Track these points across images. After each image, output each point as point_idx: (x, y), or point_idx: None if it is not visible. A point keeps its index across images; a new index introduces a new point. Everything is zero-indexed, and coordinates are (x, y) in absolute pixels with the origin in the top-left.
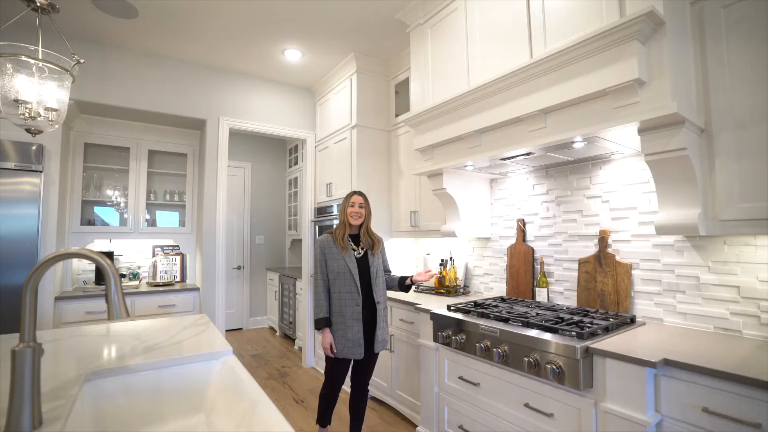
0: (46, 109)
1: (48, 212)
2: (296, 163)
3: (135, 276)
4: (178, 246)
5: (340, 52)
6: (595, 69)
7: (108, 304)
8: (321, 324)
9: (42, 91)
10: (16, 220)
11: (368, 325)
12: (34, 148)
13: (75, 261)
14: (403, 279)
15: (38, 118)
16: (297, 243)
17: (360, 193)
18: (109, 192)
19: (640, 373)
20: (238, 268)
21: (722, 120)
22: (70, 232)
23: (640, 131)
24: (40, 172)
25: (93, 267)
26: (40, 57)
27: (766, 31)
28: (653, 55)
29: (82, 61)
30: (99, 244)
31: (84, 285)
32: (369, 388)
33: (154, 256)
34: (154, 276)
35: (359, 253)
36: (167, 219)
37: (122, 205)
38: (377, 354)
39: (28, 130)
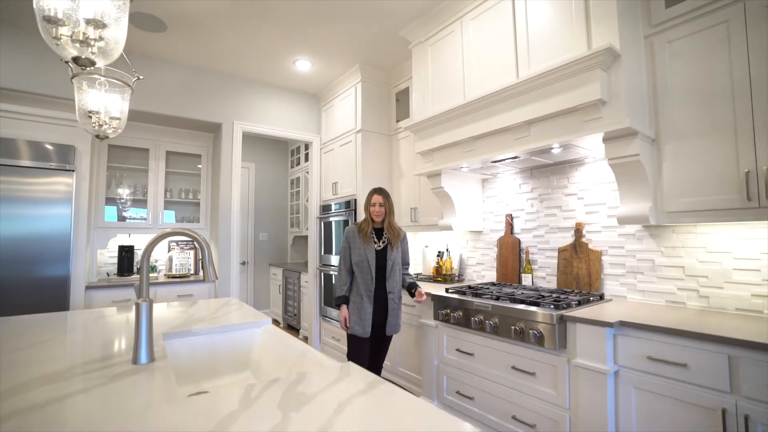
0: (111, 118)
1: (79, 208)
2: (298, 164)
3: (153, 269)
4: (192, 240)
5: (346, 63)
6: (567, 90)
7: (203, 269)
8: (340, 301)
9: (107, 103)
10: (53, 215)
11: (381, 311)
12: (67, 149)
13: (99, 254)
14: (411, 286)
15: (104, 126)
16: (298, 240)
17: (380, 192)
18: (130, 190)
19: (602, 332)
20: (243, 263)
21: (668, 132)
22: (95, 227)
23: (604, 140)
24: (73, 171)
25: (115, 260)
26: (106, 74)
27: (700, 63)
28: (612, 81)
29: (141, 77)
30: (121, 239)
31: (108, 276)
32: None
33: (169, 250)
34: (170, 268)
35: (379, 246)
36: (181, 215)
37: (141, 202)
38: (390, 337)
39: (97, 136)
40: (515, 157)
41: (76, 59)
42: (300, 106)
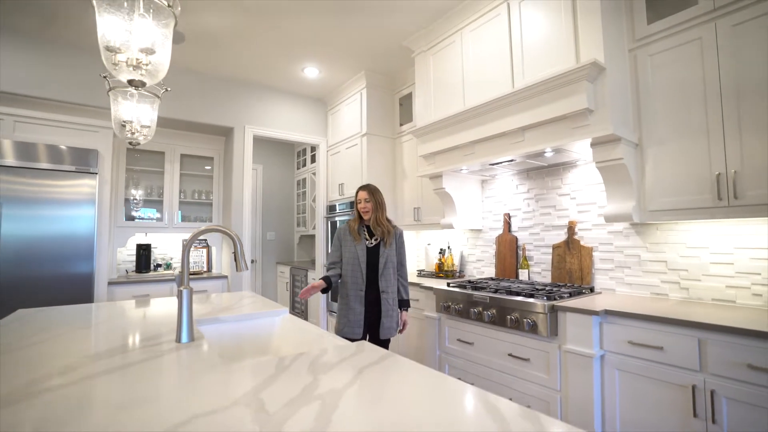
0: (142, 126)
1: (102, 209)
2: (304, 165)
3: (168, 266)
4: (205, 240)
5: (352, 69)
6: (558, 99)
7: (236, 260)
8: (322, 278)
9: (139, 113)
10: (78, 216)
11: (374, 312)
12: (90, 153)
13: (117, 252)
14: (401, 304)
15: (136, 134)
16: (305, 239)
17: (365, 188)
18: (144, 191)
19: (589, 320)
20: (252, 261)
21: (650, 138)
22: (115, 226)
23: (592, 145)
24: (96, 174)
25: (133, 258)
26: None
27: (677, 75)
28: (598, 91)
29: (169, 89)
30: (138, 238)
31: (126, 273)
32: None
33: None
34: None
35: (371, 243)
36: (195, 215)
37: (156, 202)
38: (386, 342)
39: (130, 143)
40: (512, 160)
41: (130, 81)
42: (307, 110)
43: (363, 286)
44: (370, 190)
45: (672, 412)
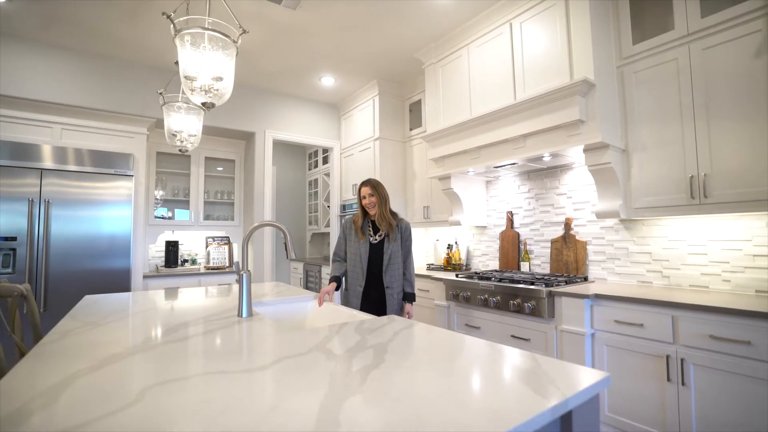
0: (190, 135)
1: (138, 209)
2: (315, 167)
3: (194, 261)
4: (228, 237)
5: (365, 78)
6: (554, 111)
7: (286, 249)
8: (331, 280)
9: (187, 124)
10: (117, 216)
11: (378, 307)
12: (126, 157)
13: (150, 248)
14: (405, 297)
15: (184, 142)
16: (316, 236)
17: (366, 183)
18: (167, 191)
19: (581, 303)
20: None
21: (635, 144)
22: (147, 224)
23: (584, 150)
24: (132, 176)
25: (161, 254)
26: (186, 101)
27: (657, 90)
28: (589, 104)
29: (215, 104)
30: (166, 235)
31: (157, 268)
32: None
33: (207, 245)
34: (209, 261)
35: (375, 239)
36: (217, 214)
37: (183, 202)
38: None
39: (180, 150)
40: (514, 163)
41: (203, 103)
42: (322, 115)
43: (362, 282)
44: (372, 184)
45: (650, 378)
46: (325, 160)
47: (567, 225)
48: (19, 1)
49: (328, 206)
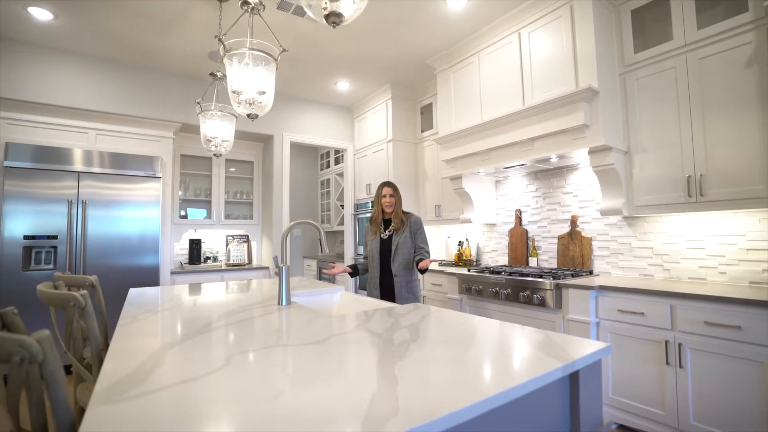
0: (223, 140)
1: (165, 209)
2: (327, 167)
3: (215, 258)
4: (247, 235)
5: (378, 82)
6: (560, 116)
7: (320, 245)
8: (349, 266)
9: (221, 130)
10: (146, 216)
11: (388, 292)
12: (154, 160)
13: (174, 246)
14: (419, 260)
15: (218, 147)
16: (328, 235)
17: (389, 184)
18: (195, 193)
19: (587, 294)
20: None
21: (636, 147)
22: (172, 223)
23: (589, 153)
24: (160, 178)
25: (185, 251)
26: (222, 108)
27: (657, 96)
28: (593, 110)
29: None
30: (189, 233)
31: (182, 265)
32: None
33: (227, 243)
34: (229, 258)
35: (386, 235)
36: (237, 214)
37: (205, 202)
38: None
39: (214, 154)
40: (522, 165)
41: (248, 114)
42: (336, 118)
43: (377, 274)
44: (394, 186)
45: (650, 362)
46: (337, 161)
47: (573, 222)
48: (63, 17)
49: (341, 206)
